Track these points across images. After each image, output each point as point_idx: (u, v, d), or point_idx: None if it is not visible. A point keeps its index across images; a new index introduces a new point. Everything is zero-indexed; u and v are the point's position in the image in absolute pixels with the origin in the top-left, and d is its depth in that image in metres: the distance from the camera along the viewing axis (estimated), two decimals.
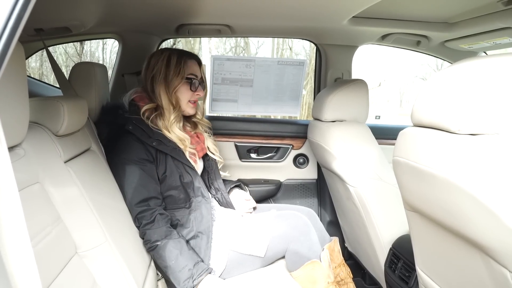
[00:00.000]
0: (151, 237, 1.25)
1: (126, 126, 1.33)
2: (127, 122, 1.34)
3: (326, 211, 2.14)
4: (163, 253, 1.23)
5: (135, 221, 1.28)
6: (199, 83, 1.49)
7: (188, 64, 1.45)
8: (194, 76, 1.47)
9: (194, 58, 1.50)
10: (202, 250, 1.32)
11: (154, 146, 1.34)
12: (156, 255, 1.25)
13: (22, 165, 0.82)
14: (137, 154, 1.32)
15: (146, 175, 1.31)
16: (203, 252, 1.32)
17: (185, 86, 1.45)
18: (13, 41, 0.45)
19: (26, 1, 0.45)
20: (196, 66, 1.49)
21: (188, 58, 1.47)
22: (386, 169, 1.52)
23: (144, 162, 1.32)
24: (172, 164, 1.37)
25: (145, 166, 1.32)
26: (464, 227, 0.71)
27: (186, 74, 1.44)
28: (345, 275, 1.55)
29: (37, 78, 4.74)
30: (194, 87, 1.47)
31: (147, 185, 1.31)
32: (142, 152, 1.32)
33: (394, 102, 10.94)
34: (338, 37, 1.93)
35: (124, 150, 1.32)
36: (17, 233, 0.48)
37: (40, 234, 0.80)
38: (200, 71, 1.51)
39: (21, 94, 0.77)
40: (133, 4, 1.35)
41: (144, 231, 1.26)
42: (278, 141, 2.14)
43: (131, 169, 1.31)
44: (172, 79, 1.41)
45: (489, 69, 0.65)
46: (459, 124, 0.66)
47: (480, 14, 1.46)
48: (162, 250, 1.24)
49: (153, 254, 1.26)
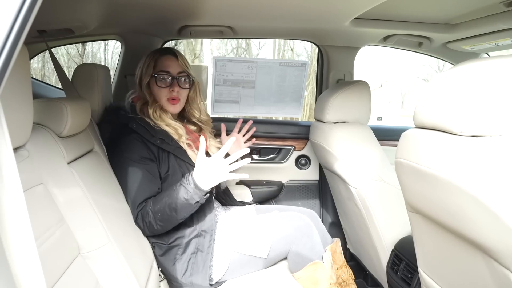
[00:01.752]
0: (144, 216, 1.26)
1: (130, 124, 1.34)
2: (130, 121, 1.35)
3: (328, 212, 2.14)
4: (155, 206, 1.24)
5: (137, 218, 1.28)
6: (174, 78, 1.42)
7: (159, 60, 1.41)
8: (165, 72, 1.41)
9: (169, 53, 1.44)
10: (205, 248, 1.33)
11: (157, 145, 1.34)
12: (157, 217, 1.24)
13: (26, 166, 0.83)
14: (139, 152, 1.32)
15: (148, 174, 1.31)
16: (205, 250, 1.32)
17: (155, 83, 1.41)
18: (19, 43, 0.45)
19: (31, 5, 0.46)
20: (170, 61, 1.42)
21: (161, 54, 1.43)
22: (388, 171, 1.52)
23: (146, 161, 1.32)
24: (175, 163, 1.37)
25: (147, 165, 1.31)
26: (466, 228, 0.71)
27: (156, 70, 1.40)
28: (347, 277, 1.55)
29: (40, 79, 4.75)
30: (164, 83, 1.41)
31: (150, 183, 1.31)
32: (144, 151, 1.32)
33: (396, 103, 10.95)
34: (340, 38, 1.93)
35: (126, 149, 1.32)
36: (22, 233, 0.48)
37: (44, 235, 0.80)
38: (177, 67, 1.42)
39: (25, 95, 0.77)
40: (136, 6, 1.36)
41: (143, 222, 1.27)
42: (280, 142, 2.14)
43: (133, 167, 1.30)
44: (143, 75, 1.42)
45: (491, 71, 0.65)
46: (462, 126, 0.66)
47: (482, 15, 1.46)
48: (153, 207, 1.25)
49: (156, 220, 1.25)
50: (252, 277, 1.37)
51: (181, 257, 1.32)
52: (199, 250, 1.33)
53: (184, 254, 1.32)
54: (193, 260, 1.32)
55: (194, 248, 1.33)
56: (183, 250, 1.33)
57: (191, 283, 1.29)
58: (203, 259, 1.32)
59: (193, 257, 1.32)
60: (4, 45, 0.44)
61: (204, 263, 1.31)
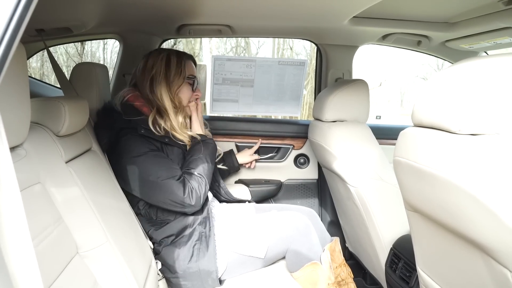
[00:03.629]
0: (195, 179, 1.32)
1: (138, 131, 1.31)
2: (137, 126, 1.31)
3: (327, 211, 2.14)
4: (195, 166, 1.35)
5: (185, 187, 1.28)
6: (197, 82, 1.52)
7: (188, 65, 1.46)
8: (194, 76, 1.49)
9: (191, 58, 1.52)
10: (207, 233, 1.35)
11: (167, 142, 1.36)
12: (204, 175, 1.34)
13: (23, 165, 0.82)
14: (147, 145, 1.30)
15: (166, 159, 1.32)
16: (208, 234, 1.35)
17: (186, 87, 1.45)
18: (15, 42, 0.45)
19: (27, 2, 0.45)
20: (193, 67, 1.52)
21: (187, 58, 1.48)
22: (387, 169, 1.52)
23: (156, 151, 1.32)
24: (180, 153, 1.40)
25: (159, 153, 1.32)
26: (465, 227, 0.71)
27: (187, 74, 1.45)
28: (346, 275, 1.55)
29: (38, 78, 4.75)
30: (193, 87, 1.49)
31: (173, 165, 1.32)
32: (148, 144, 1.31)
33: (395, 102, 10.96)
34: (339, 37, 1.93)
35: (132, 146, 1.29)
36: (18, 233, 0.48)
37: (41, 234, 0.80)
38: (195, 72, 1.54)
39: (23, 94, 0.77)
40: (134, 5, 1.35)
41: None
42: (279, 141, 2.14)
43: (148, 157, 1.29)
44: (174, 79, 1.40)
45: (490, 69, 0.65)
46: (460, 124, 0.66)
47: (481, 14, 1.46)
48: (194, 168, 1.35)
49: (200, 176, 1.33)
50: (250, 277, 1.37)
51: (185, 245, 1.33)
52: (202, 236, 1.34)
53: (189, 242, 1.33)
54: (198, 246, 1.33)
55: (198, 235, 1.34)
56: (188, 238, 1.34)
57: (198, 269, 1.30)
58: (207, 244, 1.33)
59: (198, 243, 1.33)
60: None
61: (208, 247, 1.32)
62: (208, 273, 1.30)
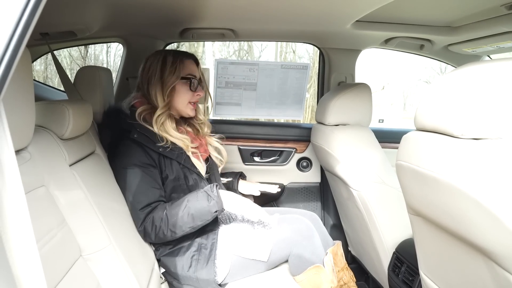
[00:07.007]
0: (155, 220, 1.25)
1: (131, 135, 1.31)
2: (132, 129, 1.32)
3: (330, 215, 2.14)
4: (172, 210, 1.25)
5: (144, 221, 1.26)
6: (198, 83, 1.46)
7: (185, 63, 1.42)
8: (193, 76, 1.43)
9: (191, 57, 1.46)
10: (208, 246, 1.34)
11: (160, 152, 1.33)
12: (170, 222, 1.23)
13: (28, 168, 0.83)
14: (139, 158, 1.30)
15: (151, 179, 1.30)
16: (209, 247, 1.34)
17: (184, 86, 1.42)
18: (21, 47, 0.46)
19: (34, 8, 0.46)
20: (194, 66, 1.45)
21: (185, 57, 1.43)
22: (390, 173, 1.52)
23: (147, 166, 1.31)
24: (179, 169, 1.37)
25: (149, 170, 1.31)
26: (467, 231, 0.71)
27: (184, 73, 1.41)
28: (348, 279, 1.54)
29: (42, 82, 4.77)
30: (193, 86, 1.43)
31: (153, 189, 1.30)
32: (143, 156, 1.31)
33: (398, 106, 10.92)
34: (342, 41, 1.93)
35: (125, 155, 1.31)
36: (23, 235, 0.48)
37: (45, 237, 0.81)
38: (198, 71, 1.47)
39: (28, 98, 0.78)
40: (138, 9, 1.36)
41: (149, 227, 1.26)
42: (282, 145, 2.14)
43: (134, 173, 1.29)
44: (167, 78, 1.38)
45: (492, 74, 0.65)
46: (462, 129, 0.66)
47: (483, 18, 1.46)
48: (169, 211, 1.25)
49: (168, 224, 1.24)
50: (253, 280, 1.37)
51: (184, 254, 1.33)
52: (202, 248, 1.34)
53: (187, 252, 1.33)
54: (196, 257, 1.32)
55: (197, 246, 1.34)
56: (186, 249, 1.33)
57: (196, 278, 1.30)
58: (206, 257, 1.32)
59: (196, 254, 1.33)
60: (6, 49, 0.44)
61: (207, 260, 1.32)
62: (207, 282, 1.30)
